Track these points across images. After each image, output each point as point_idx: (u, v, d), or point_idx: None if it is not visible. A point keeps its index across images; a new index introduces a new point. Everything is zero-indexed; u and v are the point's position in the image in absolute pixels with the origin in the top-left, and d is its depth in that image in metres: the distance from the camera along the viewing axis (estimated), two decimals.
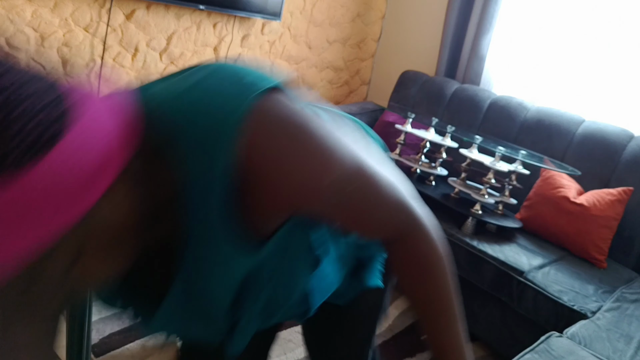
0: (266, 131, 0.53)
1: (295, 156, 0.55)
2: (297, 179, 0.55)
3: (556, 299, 1.74)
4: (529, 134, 2.50)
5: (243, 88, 0.53)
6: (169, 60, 2.69)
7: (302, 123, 0.56)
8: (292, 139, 0.54)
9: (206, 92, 0.54)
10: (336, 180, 0.57)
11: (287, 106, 0.56)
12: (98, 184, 0.45)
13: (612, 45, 2.45)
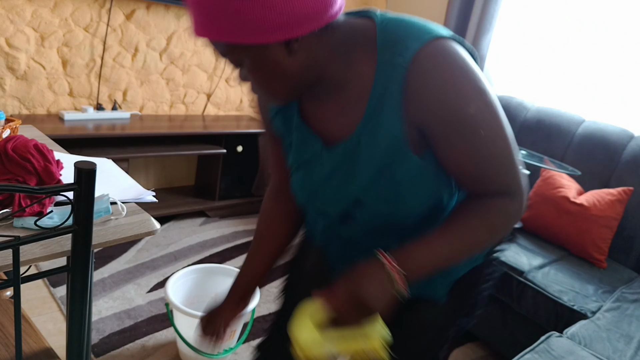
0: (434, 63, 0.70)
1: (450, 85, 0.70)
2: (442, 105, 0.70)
3: (556, 299, 1.74)
4: (529, 134, 2.50)
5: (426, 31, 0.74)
6: (169, 60, 2.69)
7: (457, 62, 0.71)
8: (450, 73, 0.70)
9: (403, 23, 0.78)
10: (473, 115, 0.71)
11: (449, 49, 0.72)
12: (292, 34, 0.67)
13: (612, 45, 2.45)
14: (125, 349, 1.70)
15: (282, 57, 0.70)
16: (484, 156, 0.74)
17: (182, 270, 1.75)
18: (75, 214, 0.76)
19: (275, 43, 0.68)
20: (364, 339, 0.72)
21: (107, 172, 1.36)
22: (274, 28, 0.65)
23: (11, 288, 1.35)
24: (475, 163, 0.74)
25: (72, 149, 2.22)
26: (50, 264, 1.97)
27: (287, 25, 0.65)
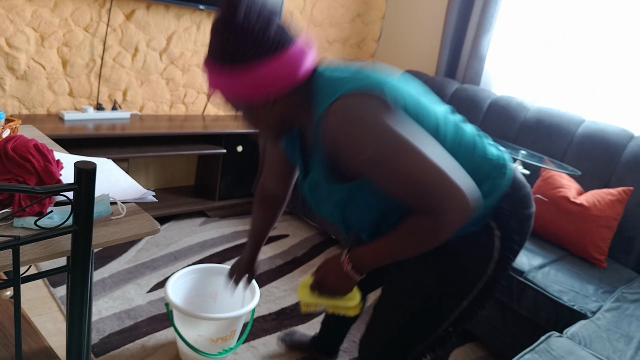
0: (334, 119, 0.92)
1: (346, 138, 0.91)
2: (345, 153, 0.93)
3: (556, 299, 1.74)
4: (529, 134, 2.50)
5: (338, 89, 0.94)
6: (169, 60, 2.69)
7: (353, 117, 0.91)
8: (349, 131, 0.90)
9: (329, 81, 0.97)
10: (369, 158, 0.90)
11: (349, 105, 0.91)
12: (279, 90, 0.94)
13: (612, 45, 2.45)
14: (125, 349, 1.70)
15: (262, 110, 0.99)
16: (396, 186, 0.92)
17: (182, 270, 1.75)
18: (75, 214, 0.76)
19: (259, 97, 0.96)
20: (340, 299, 1.12)
21: (107, 172, 1.36)
22: (251, 88, 0.93)
23: (11, 288, 1.35)
24: (393, 190, 0.93)
25: (72, 149, 2.22)
26: (50, 264, 1.97)
27: (259, 88, 0.93)
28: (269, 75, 0.91)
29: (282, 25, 0.93)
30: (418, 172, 0.89)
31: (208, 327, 1.59)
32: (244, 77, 0.92)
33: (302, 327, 1.99)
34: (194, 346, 1.59)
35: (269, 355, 1.80)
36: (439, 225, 0.92)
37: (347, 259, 1.04)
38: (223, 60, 0.92)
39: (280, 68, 0.92)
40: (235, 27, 0.90)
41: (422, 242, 0.96)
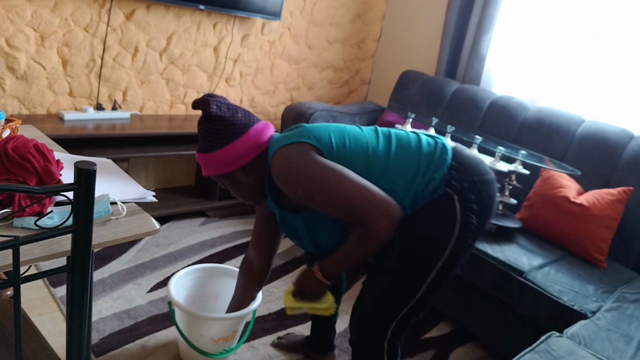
0: (273, 167, 1.23)
1: (283, 179, 1.22)
2: (287, 191, 1.23)
3: (556, 299, 1.74)
4: (529, 134, 2.50)
5: (278, 144, 1.26)
6: (169, 61, 2.69)
7: (287, 162, 1.21)
8: (284, 171, 1.21)
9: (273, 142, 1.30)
10: (303, 193, 1.20)
11: (284, 153, 1.22)
12: (250, 159, 1.29)
13: (612, 45, 2.45)
14: (125, 349, 1.70)
15: (243, 177, 1.32)
16: (331, 210, 1.21)
17: (184, 270, 1.75)
18: (75, 214, 0.76)
19: (235, 170, 1.30)
20: (317, 302, 1.34)
21: (107, 172, 1.37)
22: (230, 164, 1.28)
23: (11, 288, 1.35)
24: (331, 213, 1.22)
25: (72, 149, 2.22)
26: (50, 264, 1.97)
27: (236, 160, 1.27)
28: (240, 151, 1.26)
29: (245, 112, 1.30)
30: (342, 195, 1.17)
31: (210, 327, 1.59)
32: (222, 157, 1.27)
33: (302, 327, 1.99)
34: (196, 346, 1.59)
35: (269, 356, 1.80)
36: (373, 232, 1.17)
37: (317, 269, 1.28)
38: (207, 150, 1.28)
39: (247, 143, 1.27)
40: (211, 119, 1.26)
41: (368, 247, 1.20)
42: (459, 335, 2.13)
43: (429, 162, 1.26)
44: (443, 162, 1.26)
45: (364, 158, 1.24)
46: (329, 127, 1.29)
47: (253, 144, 1.27)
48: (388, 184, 1.23)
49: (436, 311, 2.26)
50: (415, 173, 1.24)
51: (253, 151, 1.28)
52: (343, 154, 1.24)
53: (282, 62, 3.21)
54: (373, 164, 1.24)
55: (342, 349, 1.89)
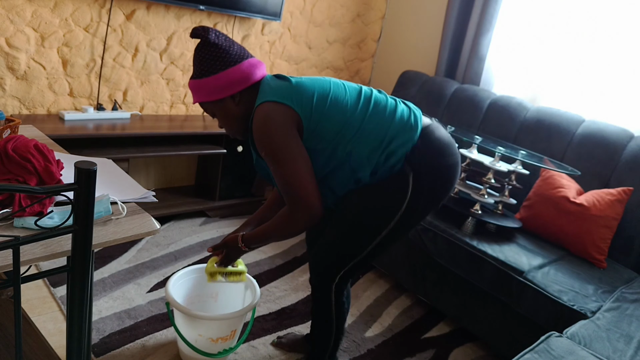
0: (256, 118, 1.31)
1: (256, 135, 1.30)
2: (257, 145, 1.32)
3: (556, 299, 1.74)
4: (529, 134, 2.50)
5: (262, 97, 1.33)
6: (169, 61, 2.69)
7: (263, 121, 1.29)
8: (258, 129, 1.30)
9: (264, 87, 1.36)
10: (266, 155, 1.31)
11: (263, 111, 1.30)
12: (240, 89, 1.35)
13: (612, 45, 2.45)
14: (125, 348, 1.70)
15: (232, 106, 1.37)
16: (277, 182, 1.32)
17: (183, 270, 1.75)
18: (76, 214, 0.76)
19: (225, 98, 1.36)
20: (232, 268, 1.59)
21: (107, 172, 1.37)
22: (222, 90, 1.33)
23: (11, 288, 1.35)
24: (276, 182, 1.34)
25: (73, 149, 2.22)
26: (50, 264, 1.97)
27: (229, 87, 1.33)
28: (233, 78, 1.32)
29: (240, 46, 1.36)
30: (287, 177, 1.29)
31: (208, 326, 1.59)
32: (216, 83, 1.32)
33: (302, 327, 1.99)
34: (195, 346, 1.59)
35: (269, 355, 1.80)
36: (292, 219, 1.33)
37: (240, 238, 1.46)
38: (201, 74, 1.33)
39: (240, 73, 1.32)
40: (209, 46, 1.32)
41: (283, 232, 1.37)
42: (459, 335, 2.13)
43: (393, 136, 1.34)
44: (408, 140, 1.34)
45: (340, 120, 1.33)
46: (315, 85, 1.35)
47: (246, 75, 1.33)
48: (356, 147, 1.33)
49: (436, 311, 2.26)
50: (380, 144, 1.33)
51: (245, 81, 1.33)
52: (320, 113, 1.32)
53: (282, 62, 3.21)
54: (347, 126, 1.33)
55: (342, 349, 1.89)
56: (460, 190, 2.31)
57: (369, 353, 1.90)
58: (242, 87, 1.33)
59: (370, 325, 2.08)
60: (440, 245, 2.10)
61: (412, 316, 2.20)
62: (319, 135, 1.32)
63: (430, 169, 1.35)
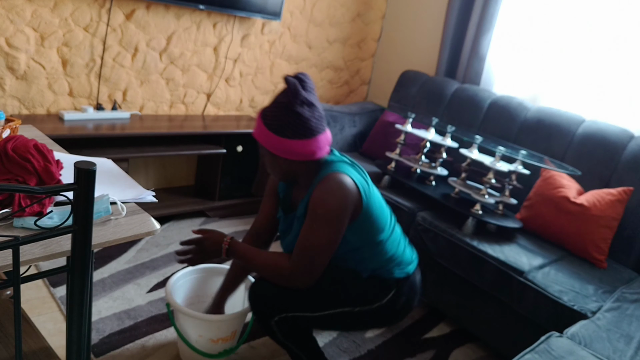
0: (331, 178, 1.36)
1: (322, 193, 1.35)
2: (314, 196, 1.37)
3: (556, 299, 1.74)
4: (529, 133, 2.50)
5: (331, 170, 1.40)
6: (169, 60, 2.69)
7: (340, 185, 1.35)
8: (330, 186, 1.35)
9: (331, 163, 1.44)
10: (311, 210, 1.36)
11: (332, 178, 1.36)
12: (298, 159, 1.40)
13: (613, 44, 2.45)
14: (125, 349, 1.70)
15: (281, 162, 1.41)
16: (303, 235, 1.36)
17: (183, 271, 1.75)
18: (75, 214, 0.76)
19: (279, 156, 1.39)
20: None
21: (107, 172, 1.36)
22: (278, 151, 1.37)
23: (11, 288, 1.35)
24: (301, 234, 1.37)
25: (72, 149, 2.22)
26: (50, 264, 1.97)
27: (285, 153, 1.37)
28: (296, 150, 1.36)
29: (319, 116, 1.38)
30: (315, 245, 1.35)
31: (209, 327, 1.59)
32: (279, 144, 1.35)
33: None
34: (195, 346, 1.59)
35: (269, 356, 1.80)
36: (286, 274, 1.38)
37: (227, 242, 1.43)
38: (271, 128, 1.35)
39: (306, 148, 1.36)
40: (289, 112, 1.33)
41: (270, 275, 1.40)
42: (459, 336, 2.13)
43: (397, 265, 1.51)
44: (407, 270, 1.53)
45: (376, 231, 1.45)
46: (380, 200, 1.50)
47: (306, 153, 1.37)
48: (369, 258, 1.47)
49: (436, 311, 2.26)
50: (387, 263, 1.49)
51: (305, 157, 1.38)
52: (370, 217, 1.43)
53: (282, 61, 3.21)
54: (376, 240, 1.46)
55: (342, 349, 1.89)
56: (460, 190, 2.31)
57: (369, 353, 1.90)
58: (296, 158, 1.37)
59: None
60: (441, 245, 2.10)
61: (412, 316, 2.20)
62: (359, 234, 1.42)
63: (406, 300, 1.52)
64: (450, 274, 2.11)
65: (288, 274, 1.37)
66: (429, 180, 2.46)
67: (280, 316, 1.45)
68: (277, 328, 1.48)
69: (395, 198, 2.33)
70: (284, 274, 1.37)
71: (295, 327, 1.49)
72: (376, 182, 2.48)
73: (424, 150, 2.47)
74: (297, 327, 1.50)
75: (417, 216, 2.22)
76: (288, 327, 1.48)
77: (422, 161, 2.47)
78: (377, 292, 1.48)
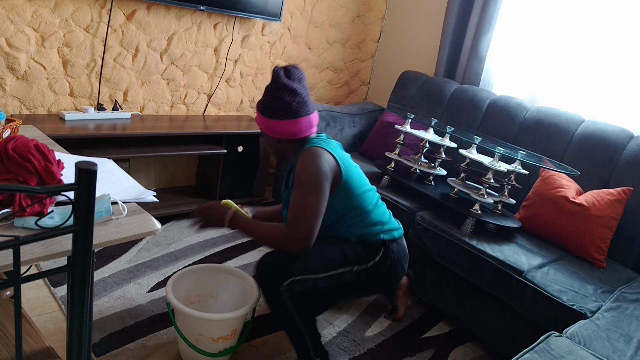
0: (304, 154, 1.57)
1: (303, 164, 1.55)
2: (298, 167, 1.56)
3: (555, 299, 1.74)
4: (528, 134, 2.50)
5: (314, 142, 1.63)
6: (169, 61, 2.70)
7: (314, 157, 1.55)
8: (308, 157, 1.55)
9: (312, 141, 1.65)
10: (300, 180, 1.54)
11: (317, 150, 1.56)
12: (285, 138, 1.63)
13: (612, 44, 2.45)
14: (126, 348, 1.70)
15: (274, 143, 1.66)
16: (294, 202, 1.52)
17: (183, 270, 1.75)
18: (76, 214, 0.76)
19: (272, 137, 1.64)
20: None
21: (108, 172, 1.37)
22: (274, 134, 1.61)
23: (11, 288, 1.36)
24: (291, 202, 1.53)
25: (73, 149, 2.22)
26: (50, 264, 1.98)
27: (275, 133, 1.60)
28: (280, 129, 1.59)
29: (300, 101, 1.57)
30: (304, 208, 1.50)
31: (209, 326, 1.60)
32: (267, 124, 1.60)
33: None
34: (195, 346, 1.60)
35: (270, 355, 1.80)
36: (284, 239, 1.53)
37: (231, 213, 1.63)
38: (261, 111, 1.61)
39: (288, 128, 1.58)
40: (272, 96, 1.57)
41: (272, 243, 1.55)
42: (459, 335, 2.13)
43: (383, 228, 1.71)
44: (392, 234, 1.73)
45: (358, 193, 1.64)
46: (354, 165, 1.69)
47: (290, 132, 1.59)
48: (356, 223, 1.66)
49: (436, 310, 2.27)
50: (375, 228, 1.68)
51: (291, 135, 1.60)
52: (350, 178, 1.62)
53: (282, 62, 3.21)
54: (361, 201, 1.65)
55: (342, 348, 1.90)
56: (459, 190, 2.32)
57: (368, 352, 1.91)
58: (287, 137, 1.60)
59: (370, 325, 2.08)
60: (440, 245, 2.10)
61: (411, 316, 2.20)
62: (342, 201, 1.61)
63: (397, 258, 1.71)
64: (450, 274, 2.11)
65: (285, 240, 1.52)
66: (428, 180, 2.46)
67: (289, 280, 1.53)
68: (288, 295, 1.54)
69: (395, 198, 2.34)
70: (282, 239, 1.52)
71: (304, 294, 1.56)
72: (376, 182, 2.48)
73: (423, 150, 2.48)
74: (305, 294, 1.57)
75: (416, 216, 2.22)
76: (297, 293, 1.54)
77: (421, 161, 2.48)
78: (370, 250, 1.67)
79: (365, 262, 1.66)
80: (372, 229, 1.68)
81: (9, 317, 1.33)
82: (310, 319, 1.62)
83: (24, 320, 1.35)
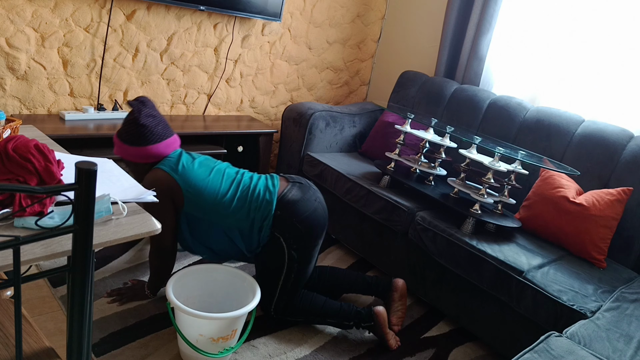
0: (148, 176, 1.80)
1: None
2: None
3: (555, 299, 1.75)
4: (528, 134, 2.50)
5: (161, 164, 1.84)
6: (169, 61, 2.70)
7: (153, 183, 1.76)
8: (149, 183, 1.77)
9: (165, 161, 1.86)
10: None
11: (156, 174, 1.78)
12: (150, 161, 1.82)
13: (612, 44, 2.45)
14: (126, 348, 1.70)
15: (141, 168, 1.83)
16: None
17: (183, 270, 1.75)
18: (76, 214, 0.76)
19: (129, 160, 1.81)
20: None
21: (107, 172, 1.37)
22: (132, 157, 1.79)
23: (11, 288, 1.36)
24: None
25: (73, 149, 2.22)
26: (50, 264, 1.98)
27: (135, 158, 1.79)
28: (145, 154, 1.77)
29: (164, 127, 1.79)
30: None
31: (209, 326, 1.60)
32: (132, 152, 1.77)
33: (303, 326, 1.99)
34: (195, 345, 1.60)
35: (270, 355, 1.80)
36: (153, 254, 1.83)
37: (146, 287, 1.94)
38: (123, 140, 1.77)
39: (153, 152, 1.77)
40: (137, 126, 1.74)
41: (157, 260, 1.85)
42: (459, 335, 2.13)
43: (256, 216, 1.75)
44: (269, 213, 1.76)
45: (211, 200, 1.75)
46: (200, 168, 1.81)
47: (156, 154, 1.78)
48: (230, 226, 1.76)
49: (435, 310, 2.27)
50: (250, 226, 1.76)
51: (153, 158, 1.79)
52: (196, 189, 1.75)
53: (282, 62, 3.21)
54: (218, 206, 1.75)
55: (342, 349, 1.90)
56: (459, 190, 2.32)
57: (369, 352, 1.91)
58: (151, 160, 1.79)
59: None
60: (440, 245, 2.10)
61: (411, 316, 2.20)
62: (196, 206, 1.74)
63: (292, 228, 1.76)
64: (450, 274, 2.11)
65: (152, 252, 1.84)
66: (428, 180, 2.46)
67: (272, 306, 1.89)
68: (281, 313, 1.90)
69: (395, 198, 2.34)
70: (155, 251, 1.83)
71: (288, 304, 1.88)
72: (376, 182, 2.48)
73: (423, 150, 2.48)
74: (290, 304, 1.88)
75: (416, 216, 2.22)
76: (283, 308, 1.89)
77: (421, 161, 2.48)
78: (275, 249, 1.79)
79: (282, 257, 1.80)
80: (254, 230, 1.76)
81: (9, 317, 1.33)
82: (317, 309, 1.89)
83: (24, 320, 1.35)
